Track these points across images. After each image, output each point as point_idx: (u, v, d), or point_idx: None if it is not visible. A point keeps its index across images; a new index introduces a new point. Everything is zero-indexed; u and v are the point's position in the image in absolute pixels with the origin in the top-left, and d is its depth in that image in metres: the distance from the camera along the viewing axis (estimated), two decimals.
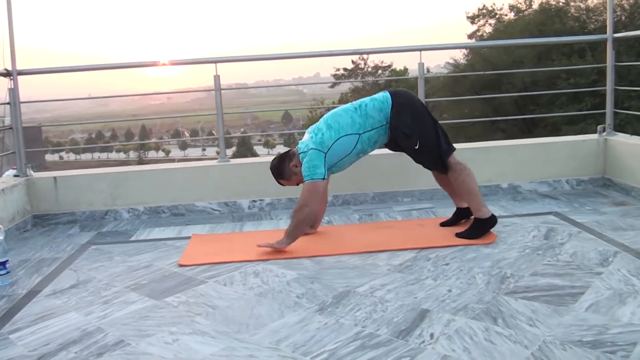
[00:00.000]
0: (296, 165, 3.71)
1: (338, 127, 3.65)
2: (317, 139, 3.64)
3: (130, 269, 3.45)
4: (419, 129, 3.67)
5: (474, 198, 3.70)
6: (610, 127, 5.04)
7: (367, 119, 3.66)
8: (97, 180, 4.76)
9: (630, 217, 4.01)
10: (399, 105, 3.67)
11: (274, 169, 3.85)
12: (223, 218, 4.59)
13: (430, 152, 3.71)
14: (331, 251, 3.55)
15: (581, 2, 21.36)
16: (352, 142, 3.66)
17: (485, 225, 3.69)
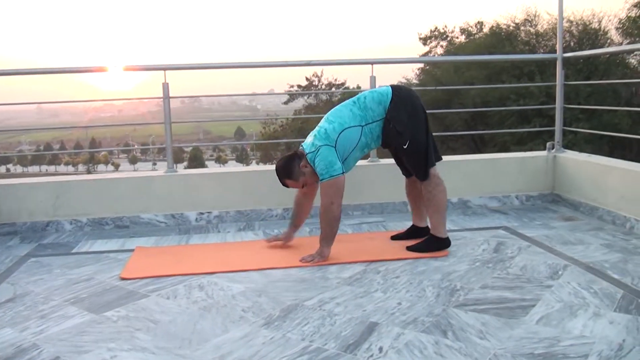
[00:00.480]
0: (305, 165, 3.58)
1: (340, 121, 3.54)
2: (320, 136, 3.52)
3: (70, 282, 3.30)
4: (412, 128, 3.57)
5: (439, 215, 3.65)
6: (559, 144, 5.10)
7: (367, 112, 3.56)
8: (39, 189, 4.57)
9: (579, 231, 4.04)
10: (398, 100, 3.57)
11: (282, 169, 3.67)
12: (169, 230, 4.45)
13: (416, 155, 3.61)
14: (280, 264, 3.46)
15: (531, 27, 21.87)
16: (356, 134, 3.54)
17: (439, 244, 3.65)
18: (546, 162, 5.01)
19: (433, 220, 3.68)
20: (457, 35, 27.21)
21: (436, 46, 27.80)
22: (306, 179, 3.62)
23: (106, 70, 4.72)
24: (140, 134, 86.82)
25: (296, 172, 3.60)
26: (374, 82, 4.77)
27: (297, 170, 3.60)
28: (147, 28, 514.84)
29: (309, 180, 3.62)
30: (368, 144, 3.62)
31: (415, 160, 3.63)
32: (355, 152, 3.59)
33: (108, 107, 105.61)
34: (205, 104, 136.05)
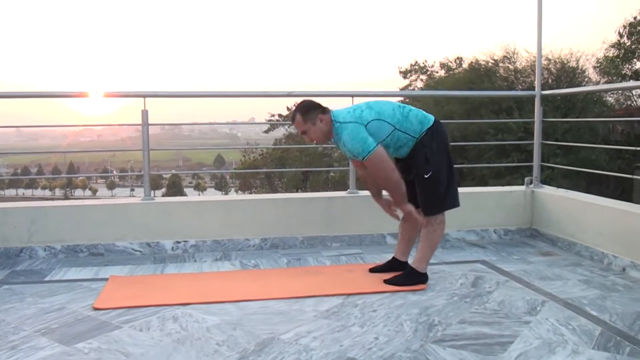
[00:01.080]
0: (323, 120, 3.55)
1: (379, 110, 3.52)
2: (355, 114, 3.50)
3: (42, 312, 3.21)
4: (438, 163, 3.56)
5: (429, 251, 3.64)
6: (537, 180, 5.14)
7: (405, 121, 3.53)
8: (13, 214, 4.48)
9: (556, 267, 4.04)
10: (437, 131, 3.58)
11: (304, 104, 3.64)
12: (144, 259, 4.38)
13: (432, 189, 3.58)
14: (256, 296, 3.41)
15: (510, 64, 22.17)
16: (386, 131, 3.50)
17: (418, 278, 3.61)
18: (524, 197, 5.04)
19: (421, 254, 3.64)
20: (437, 69, 27.57)
21: (416, 80, 28.13)
22: (310, 129, 3.59)
23: (87, 95, 4.68)
24: (119, 159, 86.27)
25: (312, 115, 3.57)
26: None
27: (313, 115, 3.57)
28: (128, 53, 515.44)
29: (312, 133, 3.60)
30: (388, 147, 3.57)
31: (430, 194, 3.60)
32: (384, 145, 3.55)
33: (87, 131, 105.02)
34: (185, 130, 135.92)
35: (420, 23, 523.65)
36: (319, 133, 3.59)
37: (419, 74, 28.02)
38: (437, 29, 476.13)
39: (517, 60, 21.84)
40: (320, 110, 3.58)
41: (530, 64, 20.96)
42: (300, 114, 3.60)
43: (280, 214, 4.72)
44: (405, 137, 3.55)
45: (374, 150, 3.41)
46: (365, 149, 3.41)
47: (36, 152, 43.12)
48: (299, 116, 3.61)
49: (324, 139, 3.63)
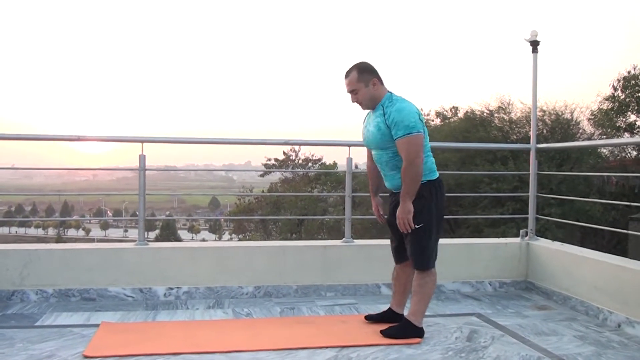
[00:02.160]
0: (375, 84, 3.57)
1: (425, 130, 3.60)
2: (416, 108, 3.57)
3: (31, 358, 3.17)
4: (431, 218, 3.56)
5: (423, 305, 3.61)
6: (532, 232, 5.14)
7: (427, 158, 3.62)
8: (6, 256, 4.44)
9: (552, 321, 4.02)
10: (439, 188, 3.64)
11: (363, 63, 3.64)
12: (136, 305, 4.33)
13: (424, 242, 3.56)
14: (248, 346, 3.37)
15: (505, 114, 22.37)
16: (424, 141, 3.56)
17: (413, 332, 3.58)
18: (519, 250, 5.03)
19: (416, 308, 3.61)
20: (433, 118, 27.78)
21: None
22: (360, 89, 3.60)
23: (85, 140, 4.69)
24: (113, 199, 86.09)
25: (366, 76, 3.59)
26: (350, 163, 4.82)
27: (368, 76, 3.58)
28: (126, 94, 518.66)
29: (360, 95, 3.60)
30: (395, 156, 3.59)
31: (420, 245, 3.58)
32: None
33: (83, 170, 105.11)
34: (181, 172, 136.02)
35: (416, 72, 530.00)
36: (367, 96, 3.61)
37: None
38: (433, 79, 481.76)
39: (512, 111, 22.05)
40: (376, 76, 3.61)
41: (525, 114, 21.16)
42: (357, 71, 3.62)
43: (275, 262, 4.70)
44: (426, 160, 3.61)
45: (418, 133, 3.45)
46: (414, 125, 3.45)
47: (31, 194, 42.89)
48: (355, 73, 3.62)
49: (369, 104, 3.64)
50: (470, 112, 23.14)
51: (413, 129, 3.44)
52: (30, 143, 34.20)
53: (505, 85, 61.82)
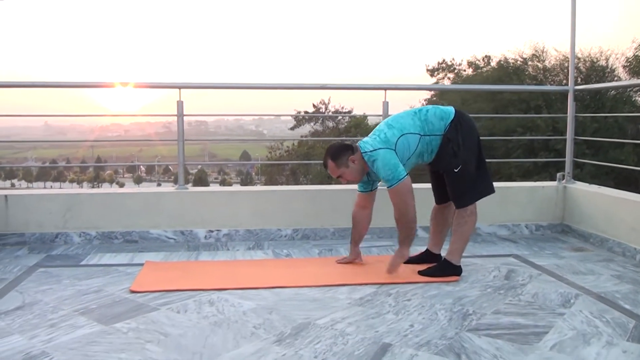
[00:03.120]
0: (354, 160, 3.59)
1: (400, 127, 3.54)
2: (380, 138, 3.52)
3: (79, 293, 3.28)
4: (466, 154, 3.55)
5: (462, 243, 3.63)
6: (569, 175, 5.10)
7: (427, 124, 3.55)
8: (49, 200, 4.58)
9: (589, 262, 4.02)
10: (459, 122, 3.56)
11: (332, 149, 3.67)
12: (178, 247, 4.44)
13: (464, 182, 3.57)
14: (290, 283, 3.44)
15: (538, 62, 21.96)
16: (414, 141, 3.53)
17: (451, 270, 3.61)
18: (556, 193, 5.01)
19: (454, 247, 3.65)
20: (465, 68, 27.37)
21: (443, 78, 27.94)
22: (345, 172, 3.63)
23: (124, 85, 4.74)
24: (145, 154, 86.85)
25: (343, 159, 3.61)
26: (386, 107, 4.80)
27: (344, 158, 3.61)
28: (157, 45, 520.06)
29: (347, 175, 3.64)
30: (422, 155, 3.61)
31: (461, 187, 3.60)
32: (412, 160, 3.60)
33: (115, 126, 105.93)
34: (212, 127, 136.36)
35: (448, 21, 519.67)
36: (354, 174, 3.65)
37: (446, 72, 27.83)
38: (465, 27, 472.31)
39: (546, 59, 21.64)
40: (350, 152, 3.62)
41: (560, 62, 20.75)
42: (332, 160, 3.65)
43: (311, 205, 4.75)
44: (434, 139, 3.57)
45: (403, 179, 3.45)
46: (395, 176, 3.44)
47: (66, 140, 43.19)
48: (331, 163, 3.66)
49: (361, 177, 3.69)
50: (503, 60, 22.73)
51: (395, 178, 3.44)
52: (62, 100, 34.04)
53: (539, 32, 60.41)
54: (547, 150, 17.13)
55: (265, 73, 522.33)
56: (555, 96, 18.71)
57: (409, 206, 3.47)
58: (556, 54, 21.11)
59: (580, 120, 13.97)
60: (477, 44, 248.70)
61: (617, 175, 16.10)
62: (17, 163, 64.19)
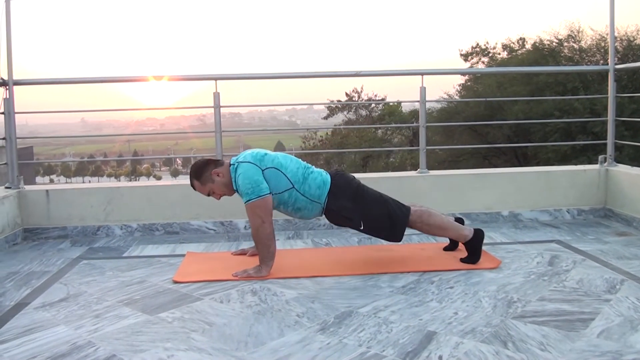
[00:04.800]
0: (219, 174, 3.53)
1: (282, 162, 3.50)
2: (255, 156, 3.49)
3: (122, 284, 3.34)
4: (360, 209, 3.49)
5: (449, 231, 3.61)
6: (611, 158, 5.00)
7: (304, 183, 3.49)
8: (90, 195, 4.65)
9: (633, 246, 3.94)
10: (336, 189, 3.51)
11: (193, 168, 3.61)
12: (218, 237, 4.48)
13: (378, 228, 3.53)
14: (331, 272, 3.45)
15: (574, 43, 21.57)
16: (283, 185, 3.46)
17: (475, 243, 3.58)
18: (598, 176, 4.91)
19: (452, 237, 3.70)
20: (499, 51, 26.98)
21: (477, 62, 27.58)
22: (213, 188, 3.57)
23: (161, 79, 4.78)
24: (181, 147, 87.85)
25: (205, 176, 3.54)
26: (424, 93, 4.75)
27: (207, 174, 3.54)
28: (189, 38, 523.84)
29: (216, 189, 3.57)
30: (285, 204, 3.54)
31: (381, 233, 3.57)
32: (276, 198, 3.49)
33: (150, 121, 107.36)
34: (245, 118, 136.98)
35: (481, 3, 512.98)
36: (222, 188, 3.57)
37: (480, 56, 27.46)
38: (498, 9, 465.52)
39: (582, 39, 21.22)
40: (212, 166, 3.55)
41: (596, 42, 20.34)
42: (196, 179, 3.59)
43: None
44: (304, 200, 3.50)
45: (264, 197, 3.37)
46: (255, 190, 3.36)
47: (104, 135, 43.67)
48: (196, 182, 3.60)
49: (231, 191, 3.58)
50: (538, 42, 22.36)
51: (253, 194, 3.36)
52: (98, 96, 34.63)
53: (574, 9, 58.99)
54: (585, 134, 16.83)
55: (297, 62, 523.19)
56: (592, 77, 18.34)
57: (265, 223, 3.36)
58: (592, 34, 20.72)
59: (618, 101, 13.70)
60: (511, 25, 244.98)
61: None
62: (55, 159, 65.31)
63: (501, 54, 26.61)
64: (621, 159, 13.41)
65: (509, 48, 26.25)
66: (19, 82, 4.57)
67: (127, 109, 6.10)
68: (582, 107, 17.26)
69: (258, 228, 3.39)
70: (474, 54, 27.66)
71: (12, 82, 4.50)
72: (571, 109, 17.62)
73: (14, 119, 4.53)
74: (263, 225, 3.37)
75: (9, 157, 4.55)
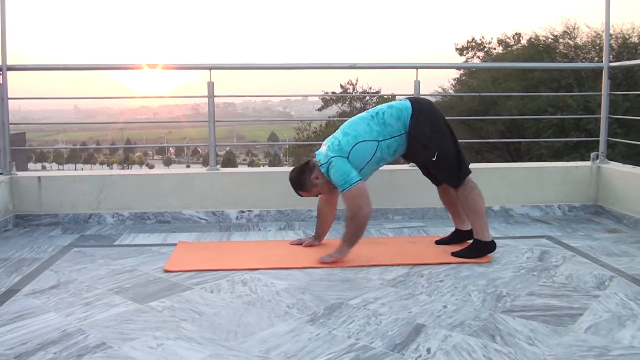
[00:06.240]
0: (317, 177, 3.61)
1: (355, 134, 3.52)
2: (333, 147, 3.52)
3: (113, 272, 3.34)
4: (437, 140, 3.52)
5: (480, 219, 3.60)
6: (603, 155, 5.02)
7: (385, 127, 3.52)
8: (82, 182, 4.64)
9: (623, 244, 3.97)
10: (419, 114, 3.53)
11: (294, 182, 3.72)
12: (210, 227, 4.49)
13: (447, 165, 3.57)
14: (322, 263, 3.45)
15: (570, 40, 21.60)
16: (371, 148, 3.51)
17: (484, 248, 3.60)
18: (590, 173, 4.94)
19: (475, 225, 3.63)
20: (495, 46, 26.99)
21: (473, 57, 27.59)
22: (319, 189, 3.66)
23: (155, 67, 4.76)
24: (174, 136, 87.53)
25: (308, 184, 3.65)
26: (418, 86, 4.76)
27: (308, 182, 3.65)
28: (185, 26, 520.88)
29: (323, 190, 3.66)
30: (384, 158, 3.60)
31: (447, 171, 3.61)
32: (370, 165, 3.57)
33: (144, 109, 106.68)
34: (240, 108, 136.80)
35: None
36: (325, 187, 3.65)
37: (475, 50, 27.47)
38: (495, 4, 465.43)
39: (578, 36, 21.26)
40: (308, 173, 3.65)
41: (591, 39, 20.38)
42: (302, 190, 3.73)
43: None
44: (394, 140, 3.53)
45: (356, 184, 3.43)
46: (346, 180, 3.43)
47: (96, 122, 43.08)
48: (303, 193, 3.74)
49: (331, 187, 3.63)
50: (534, 38, 22.39)
51: (347, 183, 3.42)
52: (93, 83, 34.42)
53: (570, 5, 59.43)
54: (578, 130, 16.87)
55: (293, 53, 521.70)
56: (587, 74, 18.39)
57: (362, 209, 3.43)
58: (588, 31, 20.77)
59: (612, 99, 13.73)
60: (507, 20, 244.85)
61: None
62: (48, 146, 65.13)
63: (497, 49, 26.64)
64: (614, 157, 13.47)
65: (504, 43, 26.28)
66: (12, 67, 4.56)
67: (120, 97, 6.08)
68: (576, 104, 17.30)
69: (356, 214, 3.45)
70: (469, 49, 27.66)
71: (5, 68, 4.49)
72: (565, 106, 17.66)
73: (7, 104, 4.51)
74: (360, 212, 3.44)
75: (1, 143, 4.54)
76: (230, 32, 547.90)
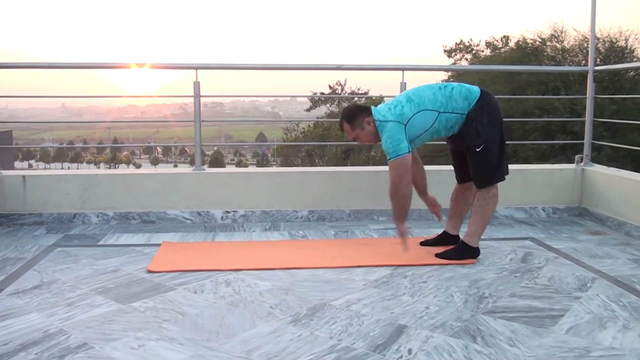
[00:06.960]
0: (369, 123, 3.58)
1: (419, 101, 3.51)
2: (396, 111, 3.50)
3: (96, 273, 3.33)
4: (490, 133, 3.50)
5: (482, 225, 3.61)
6: (587, 158, 5.06)
7: (450, 101, 3.50)
8: (67, 181, 4.61)
9: (606, 245, 4.00)
10: (485, 102, 3.51)
11: (348, 111, 3.68)
12: (195, 227, 4.48)
13: (486, 162, 3.53)
14: (306, 264, 3.46)
15: (557, 43, 21.76)
16: (431, 118, 3.50)
17: (469, 252, 3.61)
18: (574, 175, 4.97)
19: (473, 228, 3.62)
20: (483, 48, 27.16)
21: (461, 59, 27.76)
22: (360, 134, 3.64)
23: (143, 66, 4.75)
24: (162, 135, 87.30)
25: (358, 121, 3.61)
26: (404, 88, 4.77)
27: (360, 120, 3.60)
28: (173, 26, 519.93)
29: (363, 137, 3.65)
30: (439, 131, 3.58)
31: (482, 167, 3.55)
32: (424, 135, 3.57)
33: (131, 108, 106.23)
34: (228, 108, 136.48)
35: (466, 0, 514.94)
36: (369, 136, 3.64)
37: (464, 53, 27.65)
38: (483, 7, 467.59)
39: (565, 39, 21.41)
40: (365, 114, 3.61)
41: (579, 42, 20.54)
42: (347, 122, 3.66)
43: (327, 187, 4.75)
44: (454, 117, 3.52)
45: (404, 155, 3.44)
46: (395, 150, 3.44)
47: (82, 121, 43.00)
48: (346, 124, 3.67)
49: (376, 140, 3.66)
50: (522, 41, 22.53)
51: (395, 152, 3.44)
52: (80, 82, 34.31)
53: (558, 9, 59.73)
54: (565, 133, 17.01)
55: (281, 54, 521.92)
56: (574, 77, 18.52)
57: (403, 181, 3.47)
58: (575, 34, 20.93)
59: (599, 102, 13.84)
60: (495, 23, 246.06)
61: (635, 158, 15.94)
62: (34, 144, 64.66)
63: (484, 51, 26.82)
64: (599, 159, 13.57)
65: (492, 46, 26.45)
66: None
67: (108, 96, 6.07)
68: (562, 106, 17.43)
69: (397, 186, 3.48)
70: (457, 51, 27.83)
71: None
72: (552, 108, 17.80)
73: None
74: (401, 184, 3.47)
75: None
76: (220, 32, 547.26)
